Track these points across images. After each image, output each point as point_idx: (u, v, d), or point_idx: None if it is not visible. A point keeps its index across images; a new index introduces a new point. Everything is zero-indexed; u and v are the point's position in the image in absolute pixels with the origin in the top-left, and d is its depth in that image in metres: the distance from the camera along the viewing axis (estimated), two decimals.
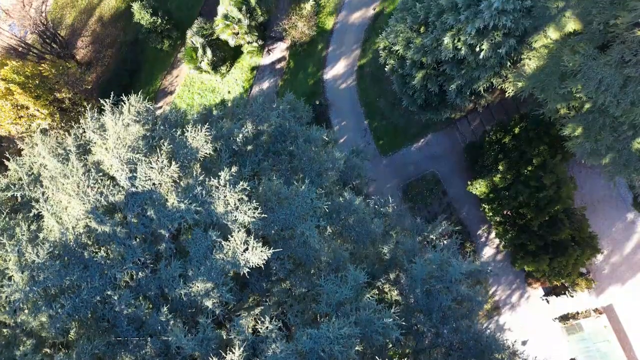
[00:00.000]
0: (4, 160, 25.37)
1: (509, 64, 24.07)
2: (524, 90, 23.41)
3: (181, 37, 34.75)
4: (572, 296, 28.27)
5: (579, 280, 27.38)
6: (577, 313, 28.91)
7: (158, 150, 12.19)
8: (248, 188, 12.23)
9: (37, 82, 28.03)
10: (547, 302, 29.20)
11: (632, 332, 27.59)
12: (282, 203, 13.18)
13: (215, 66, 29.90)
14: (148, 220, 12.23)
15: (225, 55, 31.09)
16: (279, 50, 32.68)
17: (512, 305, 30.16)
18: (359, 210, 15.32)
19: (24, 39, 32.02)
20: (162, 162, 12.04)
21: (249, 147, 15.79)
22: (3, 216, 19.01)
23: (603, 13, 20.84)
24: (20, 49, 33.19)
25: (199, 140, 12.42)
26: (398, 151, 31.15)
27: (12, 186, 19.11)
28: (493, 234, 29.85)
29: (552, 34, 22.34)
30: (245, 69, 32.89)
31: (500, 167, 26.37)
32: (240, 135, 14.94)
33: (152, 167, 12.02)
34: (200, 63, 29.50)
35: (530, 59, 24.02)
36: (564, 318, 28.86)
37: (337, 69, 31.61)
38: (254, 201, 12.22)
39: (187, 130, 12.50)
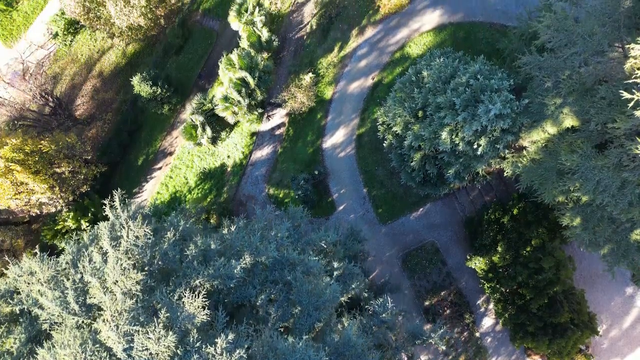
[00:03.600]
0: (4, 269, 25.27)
1: (507, 151, 24.15)
2: (521, 183, 23.47)
3: (181, 101, 34.90)
4: None
5: (578, 357, 27.36)
6: None
7: (155, 320, 12.20)
8: (245, 356, 12.22)
9: (36, 158, 28.11)
10: None
11: None
12: (279, 358, 13.18)
13: (214, 140, 29.98)
14: None
15: (224, 126, 31.19)
16: (279, 116, 32.77)
17: None
18: (357, 346, 15.31)
19: (23, 105, 32.15)
20: (159, 332, 12.05)
21: (246, 279, 15.80)
22: (2, 329, 19.09)
23: (601, 114, 20.87)
24: (19, 111, 33.30)
25: (196, 306, 12.44)
26: (397, 220, 31.16)
27: (10, 300, 19.17)
28: (492, 305, 29.83)
29: (550, 129, 22.41)
30: (244, 134, 32.97)
31: (499, 248, 26.39)
32: (239, 267, 14.99)
33: (149, 338, 12.03)
34: (200, 139, 29.57)
35: (526, 140, 24.16)
36: None
37: (336, 138, 31.69)
38: None
39: (184, 296, 12.51)
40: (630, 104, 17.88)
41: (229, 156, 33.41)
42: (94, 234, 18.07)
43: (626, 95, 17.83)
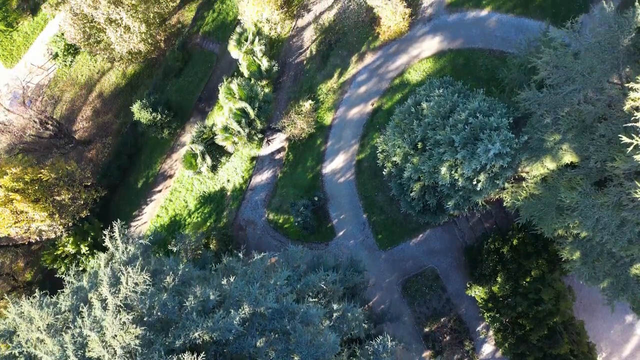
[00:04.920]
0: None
1: (506, 184, 24.17)
2: (521, 217, 23.48)
3: (181, 124, 34.94)
4: None
5: None
6: None
7: None
8: None
9: (36, 187, 28.12)
10: None
11: None
12: None
13: (214, 168, 30.00)
14: None
15: (224, 152, 31.21)
16: (279, 140, 32.79)
17: None
18: None
19: (22, 130, 32.12)
20: None
21: (245, 331, 15.77)
22: None
23: (600, 151, 20.88)
24: (19, 137, 33.29)
25: None
26: (397, 246, 31.17)
27: (9, 342, 19.18)
28: (492, 332, 29.80)
29: (549, 164, 22.41)
30: (244, 158, 32.98)
31: (499, 278, 26.40)
32: (237, 318, 14.99)
33: None
34: (200, 168, 29.60)
35: (526, 173, 24.16)
36: None
37: (335, 163, 31.71)
38: None
39: (183, 359, 12.50)
40: (630, 148, 17.90)
41: (228, 180, 33.42)
42: (93, 280, 18.06)
43: (625, 139, 17.88)
